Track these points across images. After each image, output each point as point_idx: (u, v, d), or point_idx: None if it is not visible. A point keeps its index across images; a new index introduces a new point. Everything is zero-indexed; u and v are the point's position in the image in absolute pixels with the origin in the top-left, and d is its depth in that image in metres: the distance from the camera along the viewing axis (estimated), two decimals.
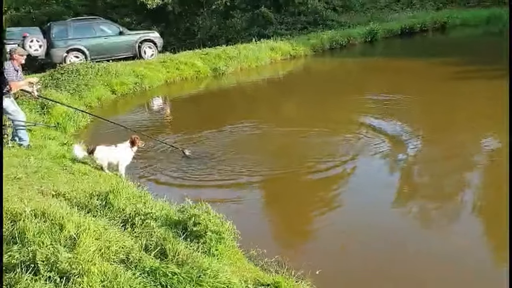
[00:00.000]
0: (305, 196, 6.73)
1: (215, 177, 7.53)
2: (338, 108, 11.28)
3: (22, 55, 7.72)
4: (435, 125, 9.29)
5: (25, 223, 4.10)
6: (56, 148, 7.90)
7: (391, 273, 4.72)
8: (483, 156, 7.75)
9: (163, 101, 15.29)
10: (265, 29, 25.16)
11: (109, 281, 3.52)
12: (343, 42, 22.66)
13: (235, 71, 18.06)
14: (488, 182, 6.86)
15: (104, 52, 17.71)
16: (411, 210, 6.15)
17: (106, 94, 14.33)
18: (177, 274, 3.79)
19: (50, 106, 10.69)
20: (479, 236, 5.44)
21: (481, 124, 8.96)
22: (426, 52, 19.35)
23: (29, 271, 3.44)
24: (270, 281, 4.13)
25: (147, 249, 4.20)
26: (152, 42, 18.90)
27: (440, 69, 14.43)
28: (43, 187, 5.71)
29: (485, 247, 5.24)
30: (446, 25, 26.05)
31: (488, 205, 6.05)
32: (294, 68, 19.40)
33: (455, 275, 4.60)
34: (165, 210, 5.09)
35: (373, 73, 16.26)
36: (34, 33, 17.14)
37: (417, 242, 5.28)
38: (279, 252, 4.93)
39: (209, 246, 4.46)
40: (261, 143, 9.21)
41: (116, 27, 18.82)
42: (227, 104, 13.81)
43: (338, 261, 5.02)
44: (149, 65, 17.00)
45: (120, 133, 9.67)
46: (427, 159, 7.74)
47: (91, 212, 4.78)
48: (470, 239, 5.27)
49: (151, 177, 7.74)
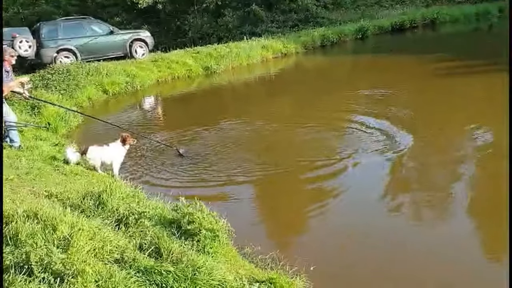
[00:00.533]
0: (300, 193, 6.75)
1: (208, 175, 7.52)
2: (329, 105, 11.29)
3: (13, 56, 7.64)
4: (428, 121, 9.29)
5: (18, 224, 4.06)
6: (47, 149, 7.85)
7: (388, 271, 4.72)
8: (478, 151, 7.70)
9: (155, 100, 15.28)
10: (256, 27, 25.20)
11: (103, 281, 3.50)
12: (334, 39, 22.77)
13: (226, 69, 18.08)
14: (486, 179, 6.80)
15: (95, 51, 17.60)
16: (408, 206, 6.11)
17: (97, 94, 14.30)
18: (172, 272, 3.77)
19: (41, 106, 10.63)
20: (478, 234, 5.45)
21: (476, 119, 8.95)
22: (416, 48, 19.48)
23: (22, 272, 3.42)
24: (265, 277, 4.13)
25: (142, 249, 4.18)
26: (143, 41, 18.81)
27: (431, 65, 14.48)
28: (35, 188, 5.68)
29: (485, 246, 5.23)
30: (436, 21, 26.18)
31: (487, 202, 6.02)
32: (285, 66, 19.44)
33: (454, 274, 4.60)
34: (159, 209, 5.07)
35: (364, 70, 16.33)
36: (24, 34, 17.00)
37: (414, 240, 5.25)
38: (274, 249, 4.92)
39: (204, 244, 4.45)
40: (254, 140, 9.21)
41: (106, 26, 18.72)
42: (219, 102, 13.84)
43: (333, 257, 5.03)
44: (141, 65, 16.98)
45: (112, 132, 9.67)
46: (422, 156, 7.74)
47: (85, 212, 4.75)
48: (469, 237, 5.30)
49: (144, 176, 7.71)
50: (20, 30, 17.75)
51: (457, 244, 5.11)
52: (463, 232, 5.39)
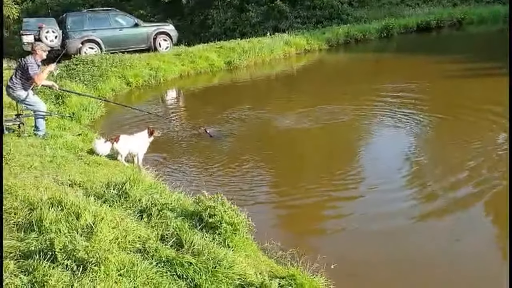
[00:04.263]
0: (322, 191, 6.66)
1: (230, 167, 7.55)
2: (353, 100, 11.18)
3: (44, 51, 7.72)
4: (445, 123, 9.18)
5: (42, 211, 4.12)
6: (71, 138, 7.93)
7: (410, 272, 4.68)
8: (492, 152, 7.54)
9: (178, 93, 15.33)
10: (280, 23, 25.07)
11: (125, 270, 3.52)
12: (358, 37, 22.52)
13: (249, 64, 18.04)
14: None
15: (119, 43, 17.72)
16: (433, 207, 6.00)
17: (120, 85, 14.41)
18: (193, 264, 3.79)
19: (65, 96, 10.76)
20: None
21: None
22: (442, 48, 19.16)
23: (47, 258, 3.46)
24: (285, 273, 4.11)
25: (163, 239, 4.20)
26: (167, 35, 18.85)
27: (456, 66, 14.30)
28: (59, 176, 5.74)
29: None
30: (463, 21, 25.76)
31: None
32: (308, 62, 19.32)
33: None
34: (181, 201, 5.09)
35: (387, 68, 16.18)
36: (50, 24, 17.18)
37: (438, 243, 5.18)
38: (294, 246, 4.88)
39: (224, 238, 4.46)
40: (281, 134, 9.22)
41: (131, 19, 18.80)
42: (244, 96, 13.75)
43: (354, 256, 4.97)
44: (164, 58, 17.02)
45: (135, 123, 9.83)
46: (442, 157, 7.65)
47: (107, 202, 4.78)
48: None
49: (168, 166, 7.84)
50: (47, 20, 17.95)
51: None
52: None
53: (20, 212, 4.29)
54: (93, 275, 3.37)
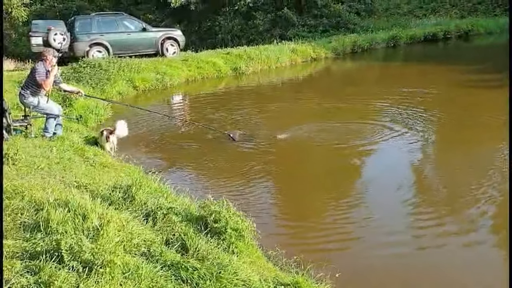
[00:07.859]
0: (327, 199, 6.64)
1: (236, 173, 7.55)
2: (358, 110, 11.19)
3: (55, 56, 7.79)
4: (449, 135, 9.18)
5: (49, 212, 4.14)
6: (77, 140, 7.97)
7: (417, 283, 4.66)
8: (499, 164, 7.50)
9: (184, 98, 15.37)
10: (286, 31, 25.16)
11: (130, 273, 3.53)
12: (365, 46, 22.58)
13: (255, 71, 18.09)
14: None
15: (127, 47, 17.77)
16: (440, 218, 5.96)
17: (127, 89, 14.45)
18: (198, 269, 3.78)
19: (72, 99, 10.79)
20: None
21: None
22: (450, 59, 19.18)
23: (53, 259, 3.47)
24: (289, 281, 4.09)
25: (168, 244, 4.20)
26: (174, 40, 18.91)
27: (461, 77, 14.36)
28: (65, 178, 5.78)
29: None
30: (470, 33, 25.79)
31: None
32: (314, 70, 19.37)
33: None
34: (186, 205, 5.10)
35: (392, 77, 16.24)
36: (58, 26, 17.29)
37: (447, 254, 5.13)
38: (298, 253, 4.87)
39: (229, 243, 4.45)
40: (290, 144, 9.16)
41: (139, 23, 18.89)
42: (249, 101, 13.74)
43: (360, 265, 4.95)
44: (171, 63, 17.07)
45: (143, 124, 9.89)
46: (447, 166, 7.64)
47: (113, 204, 4.79)
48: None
49: (175, 169, 7.91)
50: (55, 23, 18.05)
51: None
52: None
53: (27, 213, 4.31)
54: (99, 277, 3.38)
